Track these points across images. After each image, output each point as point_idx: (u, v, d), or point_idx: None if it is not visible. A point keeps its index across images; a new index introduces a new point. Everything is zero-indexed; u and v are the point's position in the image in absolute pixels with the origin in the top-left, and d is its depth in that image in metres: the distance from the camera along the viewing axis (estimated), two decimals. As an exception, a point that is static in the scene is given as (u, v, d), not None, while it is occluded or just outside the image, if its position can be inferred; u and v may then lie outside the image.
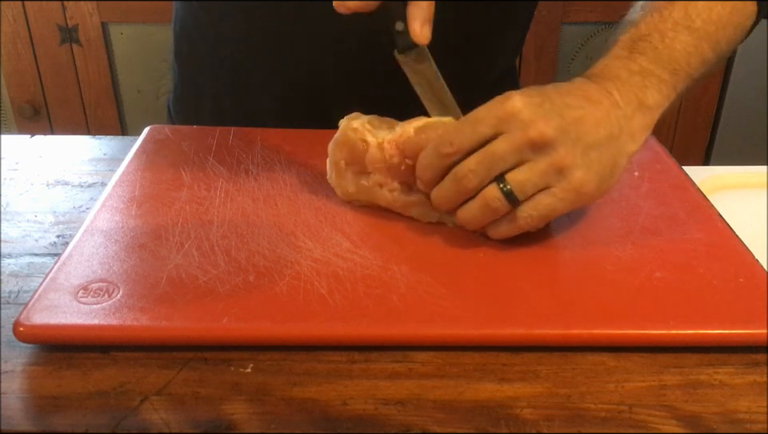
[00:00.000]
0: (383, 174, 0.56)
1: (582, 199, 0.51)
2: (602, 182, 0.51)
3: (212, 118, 0.81)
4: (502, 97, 0.50)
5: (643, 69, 0.54)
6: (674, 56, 0.55)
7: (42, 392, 0.42)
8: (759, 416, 0.41)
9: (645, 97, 0.54)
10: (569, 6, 1.69)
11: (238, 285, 0.48)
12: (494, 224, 0.52)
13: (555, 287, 0.49)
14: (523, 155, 0.49)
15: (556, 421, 0.40)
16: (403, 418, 0.41)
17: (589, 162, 0.50)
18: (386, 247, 0.53)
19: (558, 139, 0.49)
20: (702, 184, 0.65)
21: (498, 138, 0.49)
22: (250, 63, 0.78)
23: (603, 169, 0.51)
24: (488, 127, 0.50)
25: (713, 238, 0.55)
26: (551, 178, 0.50)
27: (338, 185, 0.59)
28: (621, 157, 0.52)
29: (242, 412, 0.41)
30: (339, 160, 0.57)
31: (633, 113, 0.53)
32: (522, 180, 0.49)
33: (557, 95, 0.52)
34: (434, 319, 0.46)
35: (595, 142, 0.51)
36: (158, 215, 0.56)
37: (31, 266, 0.54)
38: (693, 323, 0.46)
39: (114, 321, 0.45)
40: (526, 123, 0.49)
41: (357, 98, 0.64)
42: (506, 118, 0.49)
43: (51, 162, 0.70)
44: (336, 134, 0.58)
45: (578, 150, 0.50)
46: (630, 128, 0.53)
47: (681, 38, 0.56)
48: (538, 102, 0.50)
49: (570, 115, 0.50)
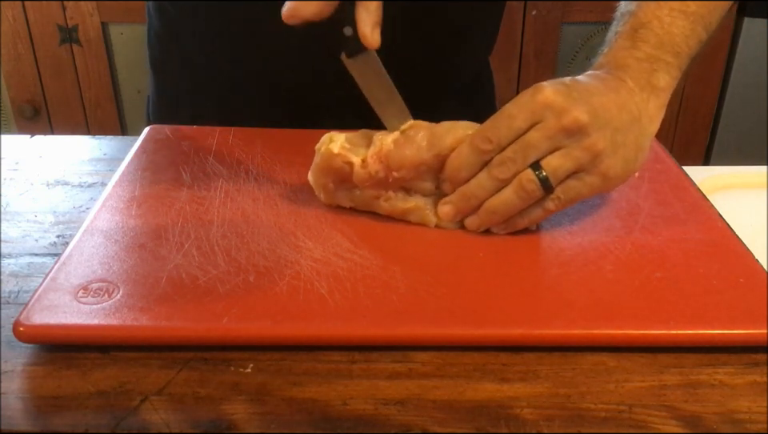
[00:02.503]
0: (374, 189, 0.56)
1: (607, 184, 0.53)
2: (627, 165, 0.53)
3: (192, 124, 0.81)
4: (532, 89, 0.52)
5: (649, 55, 0.56)
6: (674, 40, 0.57)
7: (41, 392, 0.42)
8: (759, 416, 0.41)
9: (656, 80, 0.55)
10: (569, 5, 1.69)
11: (237, 285, 0.48)
12: (525, 211, 0.54)
13: (555, 287, 0.49)
14: (557, 142, 0.51)
15: (556, 421, 0.40)
16: (403, 418, 0.41)
17: (616, 146, 0.52)
18: (386, 247, 0.53)
19: (590, 124, 0.51)
20: (701, 184, 0.65)
21: (533, 128, 0.51)
22: (228, 68, 0.78)
23: (628, 153, 0.53)
24: (523, 121, 0.51)
25: (713, 238, 0.55)
26: (584, 163, 0.51)
27: (330, 202, 0.58)
28: (644, 139, 0.55)
29: (242, 412, 0.41)
30: (326, 183, 0.57)
31: (648, 96, 0.55)
32: (556, 166, 0.51)
33: (580, 85, 0.53)
34: (434, 319, 0.46)
35: (621, 126, 0.52)
36: (158, 215, 0.56)
37: (31, 266, 0.54)
38: (693, 323, 0.46)
39: (114, 321, 0.45)
40: (559, 111, 0.50)
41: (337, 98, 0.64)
42: (539, 109, 0.51)
43: (51, 162, 0.70)
44: (315, 159, 0.57)
45: (608, 133, 0.51)
46: (647, 111, 0.55)
47: (678, 23, 0.58)
48: (566, 91, 0.51)
49: (597, 101, 0.52)
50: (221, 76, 0.79)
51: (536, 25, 1.71)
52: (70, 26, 1.70)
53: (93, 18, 1.70)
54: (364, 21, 0.52)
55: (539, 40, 1.73)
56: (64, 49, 1.73)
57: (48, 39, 1.72)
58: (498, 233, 0.55)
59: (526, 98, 0.52)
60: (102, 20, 1.70)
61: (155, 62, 0.85)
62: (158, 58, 0.84)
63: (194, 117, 0.76)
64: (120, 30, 1.72)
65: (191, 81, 0.81)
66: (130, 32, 1.72)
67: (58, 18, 1.70)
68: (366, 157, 0.55)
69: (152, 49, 0.84)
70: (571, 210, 0.58)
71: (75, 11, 1.69)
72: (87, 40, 1.72)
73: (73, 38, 1.72)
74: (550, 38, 1.73)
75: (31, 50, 1.73)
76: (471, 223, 0.55)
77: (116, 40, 1.73)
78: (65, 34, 1.71)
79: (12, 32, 1.71)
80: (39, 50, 1.73)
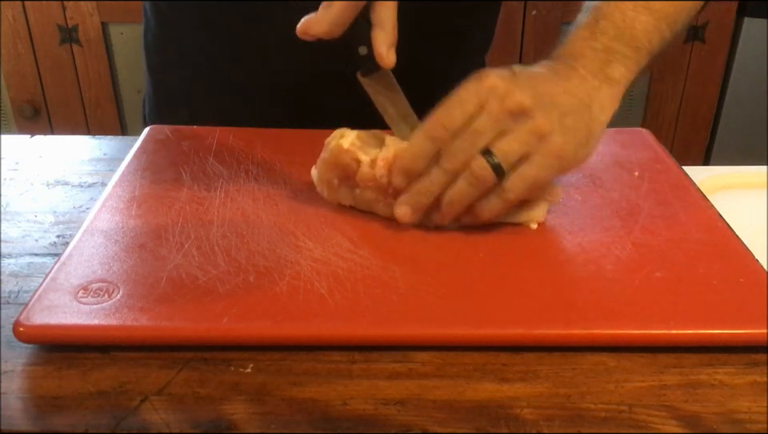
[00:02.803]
0: (374, 192, 0.56)
1: (563, 166, 0.53)
2: (579, 147, 0.53)
3: (190, 125, 0.81)
4: (477, 75, 0.52)
5: (606, 46, 0.56)
6: (635, 34, 0.57)
7: (41, 392, 0.42)
8: (759, 416, 0.41)
9: (610, 70, 0.56)
10: (569, 5, 1.69)
11: (237, 285, 0.48)
12: (483, 201, 0.53)
13: (555, 287, 0.49)
14: (504, 126, 0.51)
15: (556, 421, 0.40)
16: (403, 418, 0.41)
17: (565, 129, 0.52)
18: (386, 247, 0.53)
19: (534, 106, 0.51)
20: (701, 184, 0.65)
21: (479, 114, 0.52)
22: (227, 68, 0.77)
23: (579, 135, 0.53)
24: (472, 105, 0.52)
25: (713, 238, 0.55)
26: (532, 145, 0.51)
27: (332, 199, 0.58)
28: (594, 125, 0.55)
29: (242, 412, 0.41)
30: (331, 179, 0.57)
31: (600, 84, 0.55)
32: (506, 149, 0.51)
33: (527, 71, 0.54)
34: (434, 319, 0.46)
35: (569, 110, 0.53)
36: (158, 215, 0.56)
37: (31, 266, 0.54)
38: (693, 323, 0.46)
39: (114, 321, 0.45)
40: (503, 95, 0.51)
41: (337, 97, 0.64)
42: (484, 93, 0.51)
43: (51, 162, 0.70)
44: (323, 153, 0.57)
45: (554, 116, 0.52)
46: (599, 99, 0.55)
47: (641, 18, 0.58)
48: (510, 77, 0.52)
49: (543, 86, 0.53)
50: (219, 76, 0.79)
51: (536, 25, 1.71)
52: (70, 26, 1.70)
53: (93, 18, 1.70)
54: (380, 41, 0.53)
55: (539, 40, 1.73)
56: (64, 49, 1.73)
57: (48, 39, 1.72)
58: (468, 227, 0.55)
59: (471, 83, 0.52)
60: (102, 20, 1.70)
61: (152, 63, 0.84)
62: (154, 58, 0.84)
63: (191, 118, 0.76)
64: (120, 30, 1.72)
65: (189, 81, 0.81)
66: (130, 32, 1.72)
67: (58, 18, 1.70)
68: (375, 157, 0.55)
69: (148, 50, 0.84)
70: (571, 211, 0.58)
71: (75, 11, 1.69)
72: (87, 40, 1.72)
73: (73, 38, 1.72)
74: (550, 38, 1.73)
75: (31, 50, 1.73)
76: (429, 220, 0.55)
77: (116, 40, 1.73)
78: (65, 34, 1.71)
79: (12, 32, 1.71)
80: (39, 50, 1.73)
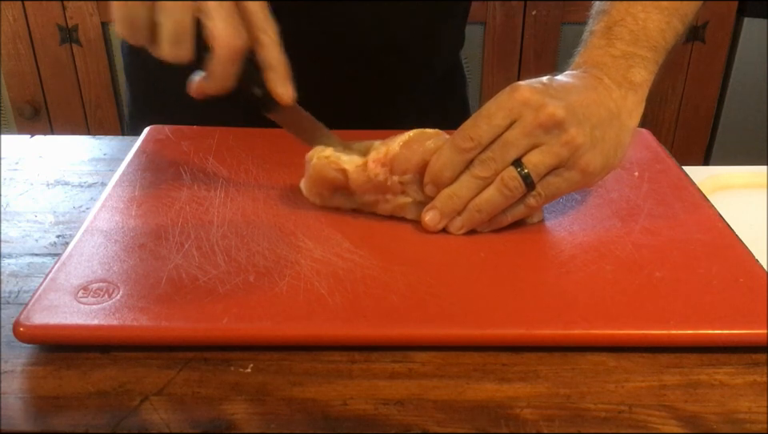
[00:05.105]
0: (373, 194, 0.56)
1: (587, 181, 0.54)
2: (607, 161, 0.54)
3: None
4: (509, 88, 0.52)
5: (624, 52, 0.57)
6: (649, 35, 0.58)
7: (41, 392, 0.42)
8: (759, 416, 0.41)
9: (632, 76, 0.56)
10: (569, 5, 1.69)
11: (237, 285, 0.48)
12: (508, 209, 0.54)
13: (555, 287, 0.49)
14: (536, 138, 0.52)
15: (556, 421, 0.40)
16: (403, 418, 0.41)
17: (594, 142, 0.53)
18: (386, 247, 0.53)
19: (567, 120, 0.51)
20: (702, 184, 0.65)
21: (512, 126, 0.52)
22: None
23: (608, 147, 0.54)
24: (502, 119, 0.52)
25: (713, 238, 0.55)
26: (563, 158, 0.52)
27: (329, 205, 0.58)
28: (623, 134, 0.55)
29: (242, 412, 0.41)
30: (321, 192, 0.57)
31: (625, 93, 0.56)
32: (537, 162, 0.52)
33: (557, 83, 0.54)
34: (434, 319, 0.46)
35: (599, 122, 0.53)
36: (158, 215, 0.56)
37: (31, 266, 0.54)
38: (693, 323, 0.46)
39: (114, 321, 0.45)
40: (536, 107, 0.51)
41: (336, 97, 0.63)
42: (517, 106, 0.52)
43: (51, 162, 0.70)
44: (307, 170, 0.57)
45: (587, 128, 0.52)
46: (626, 107, 0.55)
47: (653, 18, 0.58)
48: (543, 89, 0.52)
49: (574, 98, 0.53)
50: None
51: (536, 25, 1.71)
52: (70, 26, 1.70)
53: (93, 18, 1.70)
54: (274, 82, 0.52)
55: (539, 40, 1.73)
56: (64, 49, 1.73)
57: (48, 39, 1.72)
58: (483, 231, 0.55)
59: (504, 96, 0.52)
60: (102, 20, 1.70)
61: (131, 72, 0.83)
62: (133, 66, 0.82)
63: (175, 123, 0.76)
64: (120, 30, 1.72)
65: (169, 89, 0.80)
66: (130, 32, 1.72)
67: (58, 18, 1.70)
68: (366, 160, 0.55)
69: (126, 58, 0.83)
70: (571, 211, 0.58)
71: (75, 11, 1.69)
72: (87, 40, 1.72)
73: (73, 38, 1.72)
74: (550, 38, 1.73)
75: (31, 50, 1.73)
76: (454, 226, 0.55)
77: (116, 40, 1.73)
78: (65, 34, 1.71)
79: (12, 32, 1.71)
80: (39, 50, 1.73)
